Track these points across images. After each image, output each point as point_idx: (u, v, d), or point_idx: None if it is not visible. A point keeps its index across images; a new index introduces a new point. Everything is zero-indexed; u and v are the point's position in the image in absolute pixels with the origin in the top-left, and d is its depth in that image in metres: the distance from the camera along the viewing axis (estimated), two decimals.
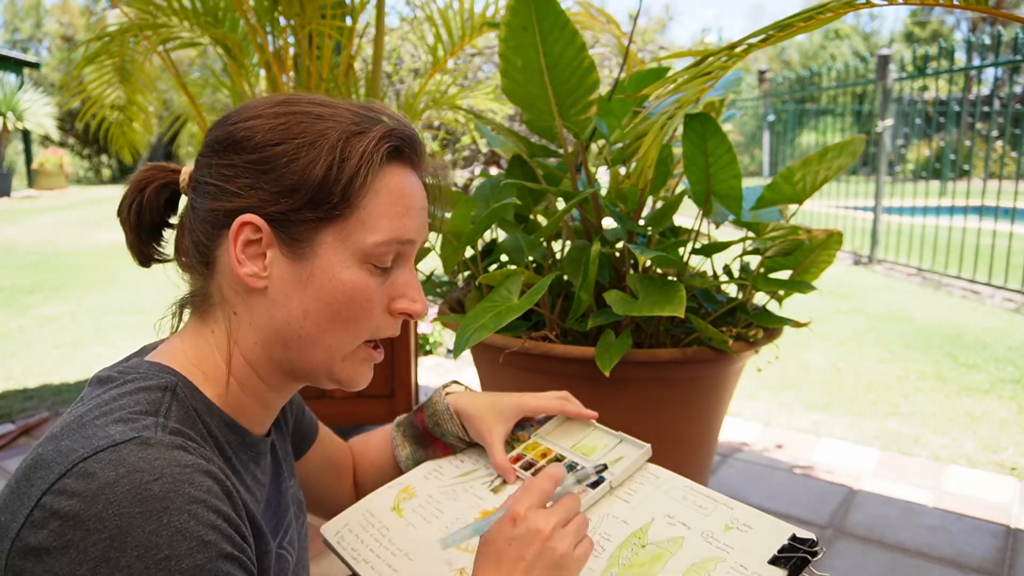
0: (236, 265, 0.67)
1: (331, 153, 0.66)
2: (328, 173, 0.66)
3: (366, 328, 0.70)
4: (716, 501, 0.78)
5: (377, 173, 0.68)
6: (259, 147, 0.67)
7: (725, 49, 1.24)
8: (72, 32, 23.26)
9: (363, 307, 0.69)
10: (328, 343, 0.69)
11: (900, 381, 3.33)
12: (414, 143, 0.71)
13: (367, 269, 0.69)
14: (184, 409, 0.65)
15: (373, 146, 0.67)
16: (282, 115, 0.68)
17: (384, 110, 0.72)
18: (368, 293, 0.69)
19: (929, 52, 6.16)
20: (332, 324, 0.68)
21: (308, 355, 0.69)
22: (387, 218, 0.68)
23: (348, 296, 0.68)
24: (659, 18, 12.59)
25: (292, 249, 0.67)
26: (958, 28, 26.42)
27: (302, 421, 0.94)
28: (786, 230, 1.50)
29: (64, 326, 4.12)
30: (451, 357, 3.54)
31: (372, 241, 0.68)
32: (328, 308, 0.68)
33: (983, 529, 1.95)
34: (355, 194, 0.67)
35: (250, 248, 0.67)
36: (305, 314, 0.68)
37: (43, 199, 12.32)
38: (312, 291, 0.67)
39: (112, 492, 0.53)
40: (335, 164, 0.66)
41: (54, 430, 0.61)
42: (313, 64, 2.24)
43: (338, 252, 0.67)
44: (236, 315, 0.70)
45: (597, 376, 1.34)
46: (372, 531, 0.86)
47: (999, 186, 5.52)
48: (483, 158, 6.05)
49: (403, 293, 0.72)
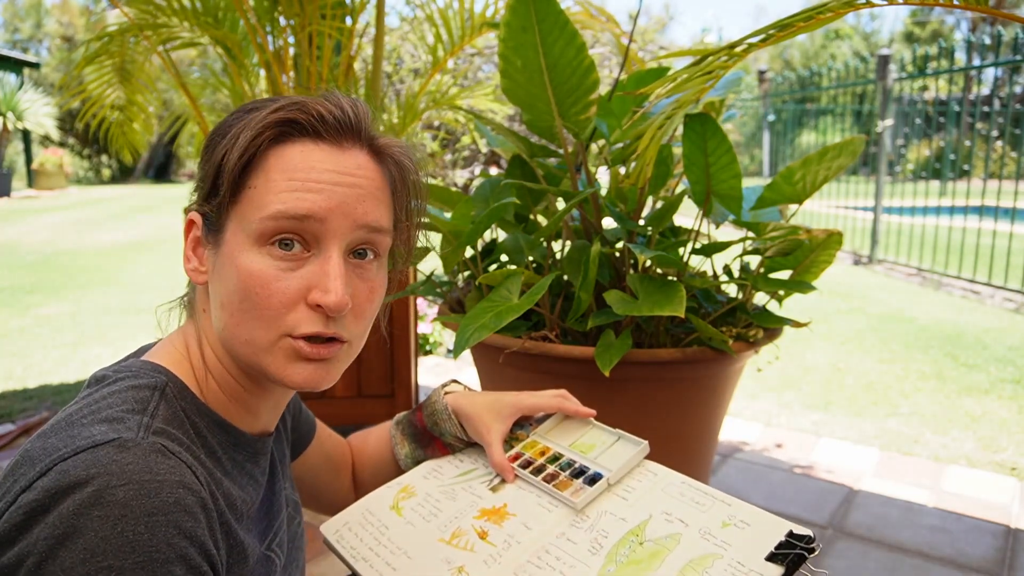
0: (184, 260, 0.70)
1: (231, 140, 0.66)
2: (226, 157, 0.66)
3: (275, 319, 0.65)
4: (714, 498, 0.78)
5: (268, 150, 0.66)
6: (204, 149, 0.70)
7: (725, 49, 1.25)
8: (72, 32, 23.26)
9: (261, 294, 0.64)
10: (243, 336, 0.66)
11: (900, 381, 3.33)
12: (321, 116, 0.66)
13: (267, 252, 0.64)
14: (172, 409, 0.65)
15: (263, 123, 0.65)
16: (233, 113, 0.70)
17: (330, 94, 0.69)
18: (264, 279, 0.64)
19: (929, 52, 6.16)
20: (240, 314, 0.65)
21: (236, 348, 0.67)
22: (275, 193, 0.64)
23: (243, 282, 0.64)
24: (659, 18, 12.59)
25: (213, 240, 0.68)
26: (958, 28, 26.43)
27: (299, 420, 0.94)
28: (786, 230, 1.50)
29: (64, 326, 4.12)
30: (451, 357, 3.54)
31: (258, 216, 0.64)
32: (233, 296, 0.65)
33: (983, 529, 1.95)
34: (245, 174, 0.65)
35: (200, 247, 0.70)
36: (222, 305, 0.66)
37: (43, 199, 12.32)
38: (221, 280, 0.66)
39: (79, 493, 0.53)
40: (231, 148, 0.65)
41: (45, 428, 0.62)
42: (313, 64, 2.24)
43: (237, 237, 0.65)
44: (204, 312, 0.72)
45: (597, 376, 1.34)
46: (371, 529, 0.87)
47: (999, 186, 5.52)
48: (483, 158, 6.05)
49: (316, 283, 0.65)
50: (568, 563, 0.74)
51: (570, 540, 0.78)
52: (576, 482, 0.84)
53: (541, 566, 0.75)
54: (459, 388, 0.99)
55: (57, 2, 24.66)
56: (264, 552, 0.75)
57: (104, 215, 10.14)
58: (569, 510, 0.81)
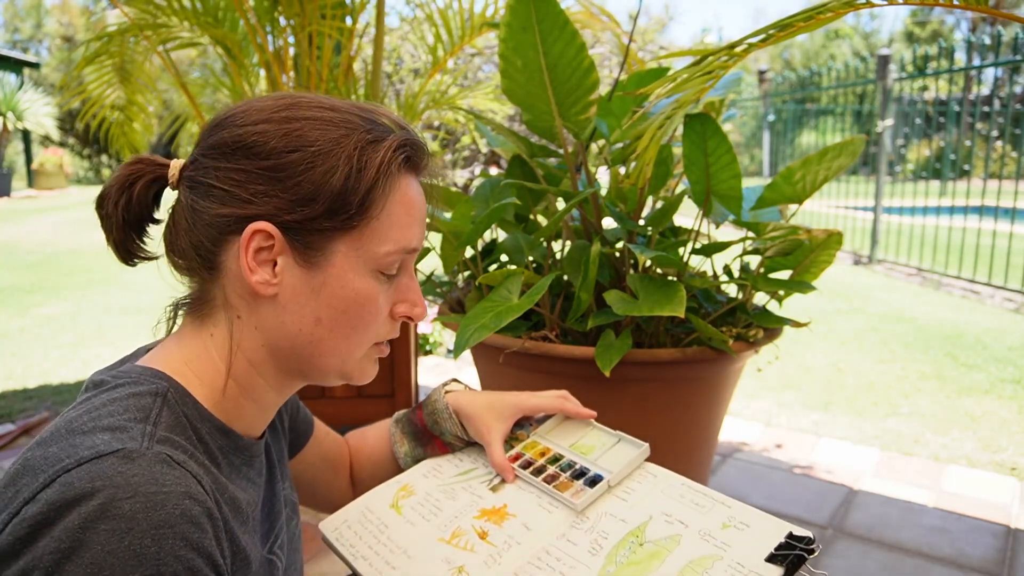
0: (247, 272, 0.66)
1: (348, 163, 0.66)
2: (346, 183, 0.66)
3: (373, 333, 0.72)
4: (714, 499, 0.78)
5: (393, 184, 0.69)
6: (273, 154, 0.65)
7: (725, 49, 1.25)
8: (72, 32, 23.26)
9: (372, 314, 0.71)
10: (339, 348, 0.71)
11: (900, 381, 3.33)
12: (423, 151, 0.72)
13: (376, 277, 0.70)
14: (175, 415, 0.64)
15: (390, 157, 0.68)
16: (293, 120, 0.67)
17: (387, 114, 0.72)
18: (376, 301, 0.70)
19: (929, 52, 6.16)
20: (343, 330, 0.70)
21: (321, 359, 0.71)
22: (397, 228, 0.69)
23: (360, 304, 0.69)
24: (659, 18, 12.59)
25: (305, 257, 0.67)
26: (958, 28, 26.43)
27: (297, 419, 0.94)
28: (786, 230, 1.50)
29: (64, 326, 4.12)
30: (451, 357, 3.54)
31: (384, 251, 0.69)
32: (341, 315, 0.69)
33: (983, 529, 1.95)
34: (372, 205, 0.67)
35: (260, 255, 0.66)
36: (317, 321, 0.69)
37: (43, 199, 12.32)
38: (324, 299, 0.68)
39: (84, 505, 0.53)
40: (352, 174, 0.66)
41: (44, 435, 0.61)
42: (313, 64, 2.24)
43: (351, 261, 0.68)
44: (240, 319, 0.69)
45: (597, 376, 1.34)
46: (371, 528, 0.86)
47: (999, 186, 5.52)
48: (483, 158, 6.05)
49: (405, 298, 0.74)
50: (568, 564, 0.74)
51: (570, 541, 0.77)
52: (576, 483, 0.84)
53: (541, 567, 0.75)
54: (460, 387, 0.99)
55: (57, 2, 24.66)
56: (266, 556, 0.75)
57: None
58: (569, 511, 0.81)
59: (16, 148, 16.00)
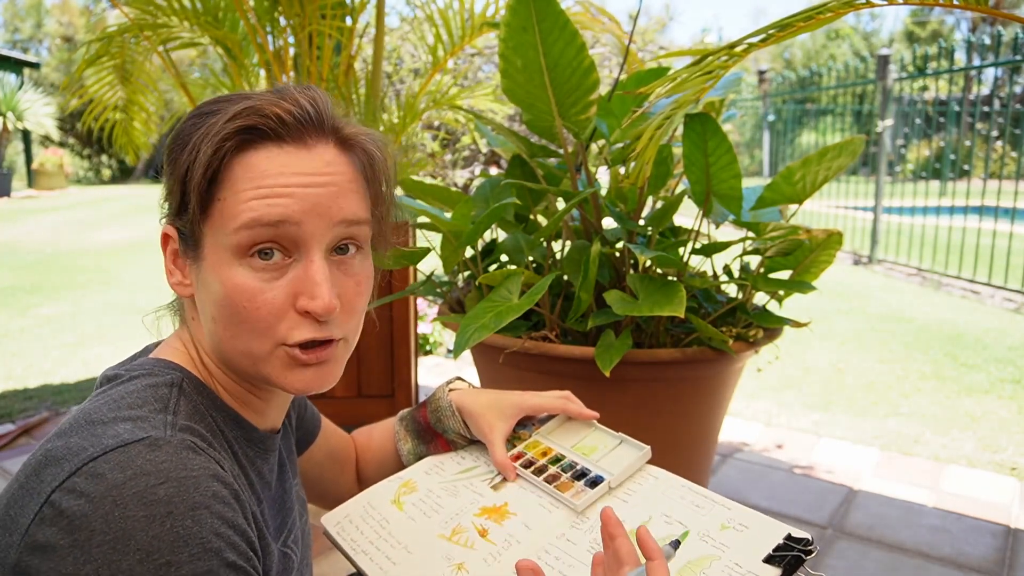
0: (167, 273, 0.69)
1: (192, 151, 0.63)
2: (188, 171, 0.63)
3: (267, 330, 0.64)
4: (713, 501, 0.78)
5: (232, 160, 0.63)
6: (166, 159, 0.68)
7: (725, 49, 1.25)
8: (72, 32, 23.26)
9: (249, 308, 0.63)
10: (239, 348, 0.65)
11: (900, 381, 3.33)
12: (280, 118, 0.64)
13: (247, 264, 0.63)
14: (192, 404, 0.66)
15: (218, 130, 0.63)
16: (184, 121, 0.68)
17: (284, 90, 0.67)
18: (250, 291, 0.63)
19: (929, 52, 6.16)
20: (232, 328, 0.65)
21: (235, 361, 0.67)
22: (245, 203, 0.62)
23: (229, 296, 0.63)
24: (659, 18, 12.59)
25: (192, 255, 0.67)
26: (958, 28, 26.43)
27: (305, 417, 0.95)
28: (786, 230, 1.50)
29: (64, 326, 4.12)
30: (451, 357, 3.54)
31: (232, 227, 0.62)
32: (222, 310, 0.64)
33: (983, 529, 1.95)
34: (211, 186, 0.63)
35: (180, 259, 0.69)
36: (213, 319, 0.66)
37: (43, 199, 12.32)
38: (208, 294, 0.65)
39: (119, 494, 0.54)
40: (192, 159, 0.63)
41: (63, 426, 0.62)
42: (313, 64, 2.24)
43: (216, 252, 0.64)
44: (193, 320, 0.71)
45: (597, 376, 1.34)
46: (372, 523, 0.87)
47: (999, 186, 5.52)
48: (483, 158, 6.05)
49: (302, 289, 0.64)
50: (568, 563, 0.74)
51: (570, 541, 0.78)
52: (577, 484, 0.84)
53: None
54: (463, 386, 0.99)
55: (57, 2, 24.66)
56: (281, 549, 0.76)
57: (104, 215, 10.14)
58: (570, 511, 0.81)
59: (16, 148, 16.00)
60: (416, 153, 4.36)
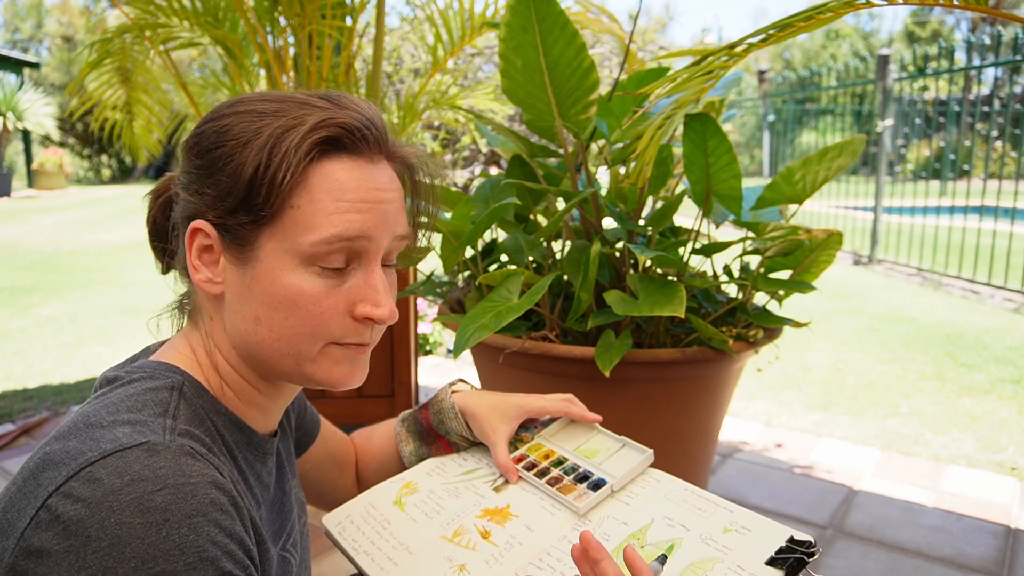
0: (191, 270, 0.67)
1: (260, 152, 0.63)
2: (256, 173, 0.63)
3: (322, 333, 0.66)
4: (716, 505, 0.79)
5: (309, 168, 0.64)
6: (206, 151, 0.66)
7: (725, 49, 1.25)
8: (72, 32, 23.26)
9: (312, 311, 0.65)
10: (285, 348, 0.66)
11: (900, 381, 3.33)
12: (360, 132, 0.65)
13: (314, 271, 0.65)
14: (192, 408, 0.65)
15: (300, 139, 0.63)
16: (230, 116, 0.66)
17: (339, 98, 0.67)
18: (315, 297, 0.65)
19: (929, 52, 6.16)
20: (282, 329, 0.65)
21: (273, 360, 0.68)
22: (323, 215, 0.63)
23: (291, 300, 0.64)
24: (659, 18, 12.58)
25: (237, 254, 0.66)
26: (958, 28, 26.43)
27: (304, 418, 0.94)
28: (786, 230, 1.50)
29: (64, 326, 4.12)
30: (451, 357, 3.54)
31: (309, 241, 0.63)
32: (275, 313, 0.65)
33: (983, 529, 1.95)
34: (284, 193, 0.63)
35: (206, 255, 0.67)
36: (257, 320, 0.66)
37: (43, 199, 12.32)
38: (258, 296, 0.65)
39: (115, 500, 0.53)
40: (262, 163, 0.63)
41: (61, 429, 0.61)
42: (313, 64, 2.24)
43: (277, 255, 0.64)
44: (212, 320, 0.71)
45: (597, 376, 1.34)
46: (374, 523, 0.87)
47: (999, 186, 5.52)
48: (483, 158, 6.05)
49: (364, 297, 0.67)
50: (569, 565, 0.74)
51: (572, 542, 0.78)
52: (580, 487, 0.84)
53: (542, 567, 0.75)
54: (466, 388, 0.99)
55: (57, 2, 24.65)
56: (280, 553, 0.76)
57: (104, 215, 10.14)
58: (572, 514, 0.81)
59: (16, 148, 16.00)
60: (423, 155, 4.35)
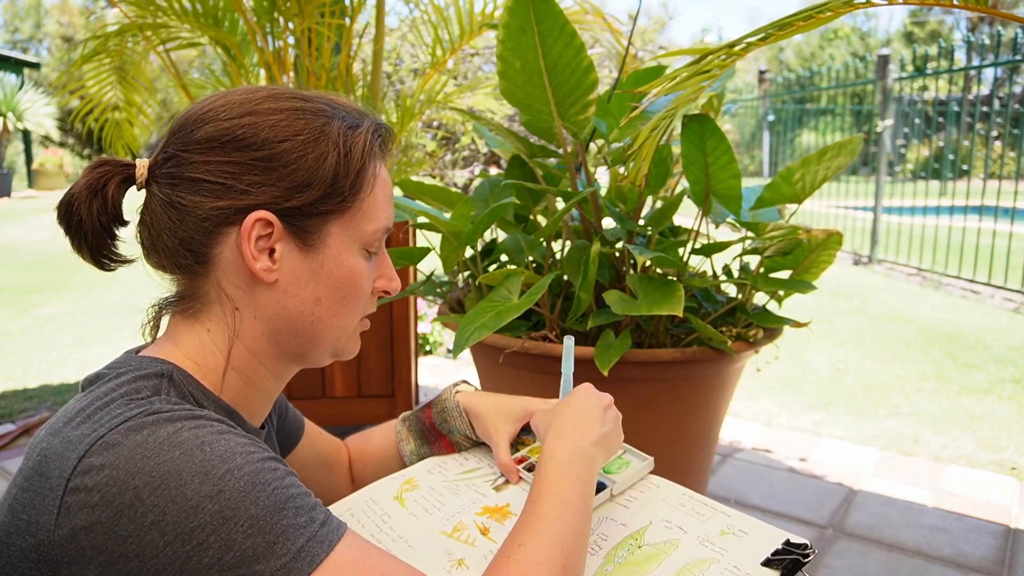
0: (251, 261, 0.68)
1: (336, 149, 0.70)
2: (337, 168, 0.70)
3: (361, 308, 0.77)
4: (714, 509, 0.80)
5: (368, 165, 0.73)
6: (264, 144, 0.68)
7: (724, 48, 1.24)
8: (72, 32, 23.26)
9: (364, 289, 0.76)
10: (337, 324, 0.75)
11: (900, 381, 3.33)
12: (392, 135, 0.79)
13: (363, 255, 0.75)
14: (182, 394, 0.66)
15: (369, 140, 0.73)
16: (277, 111, 0.69)
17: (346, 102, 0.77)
18: (366, 275, 0.75)
19: (929, 52, 6.16)
20: (340, 307, 0.74)
21: (319, 337, 0.75)
22: (380, 208, 0.75)
23: (354, 281, 0.74)
24: (658, 18, 12.58)
25: (303, 241, 0.70)
26: (957, 28, 26.43)
27: (286, 419, 0.95)
28: (786, 230, 1.50)
29: (64, 326, 4.12)
30: (451, 357, 3.54)
31: (371, 229, 0.74)
32: (337, 293, 0.73)
33: (983, 529, 1.95)
34: (361, 187, 0.72)
35: (259, 243, 0.69)
36: (317, 301, 0.72)
37: (43, 199, 12.32)
38: (323, 279, 0.72)
39: (144, 449, 0.56)
40: (341, 159, 0.70)
41: (54, 425, 0.61)
42: (313, 64, 2.24)
43: (344, 241, 0.72)
44: (238, 311, 0.71)
45: (597, 376, 1.34)
46: (374, 517, 0.87)
47: (999, 186, 5.52)
48: (483, 158, 6.05)
49: (382, 273, 0.79)
50: None
51: None
52: None
53: None
54: (469, 388, 1.00)
55: (57, 2, 24.66)
56: None
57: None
58: None
59: (16, 148, 15.99)
60: (415, 153, 4.36)
